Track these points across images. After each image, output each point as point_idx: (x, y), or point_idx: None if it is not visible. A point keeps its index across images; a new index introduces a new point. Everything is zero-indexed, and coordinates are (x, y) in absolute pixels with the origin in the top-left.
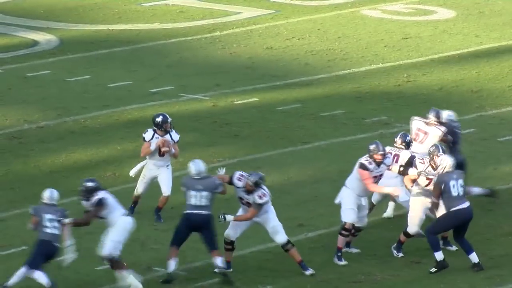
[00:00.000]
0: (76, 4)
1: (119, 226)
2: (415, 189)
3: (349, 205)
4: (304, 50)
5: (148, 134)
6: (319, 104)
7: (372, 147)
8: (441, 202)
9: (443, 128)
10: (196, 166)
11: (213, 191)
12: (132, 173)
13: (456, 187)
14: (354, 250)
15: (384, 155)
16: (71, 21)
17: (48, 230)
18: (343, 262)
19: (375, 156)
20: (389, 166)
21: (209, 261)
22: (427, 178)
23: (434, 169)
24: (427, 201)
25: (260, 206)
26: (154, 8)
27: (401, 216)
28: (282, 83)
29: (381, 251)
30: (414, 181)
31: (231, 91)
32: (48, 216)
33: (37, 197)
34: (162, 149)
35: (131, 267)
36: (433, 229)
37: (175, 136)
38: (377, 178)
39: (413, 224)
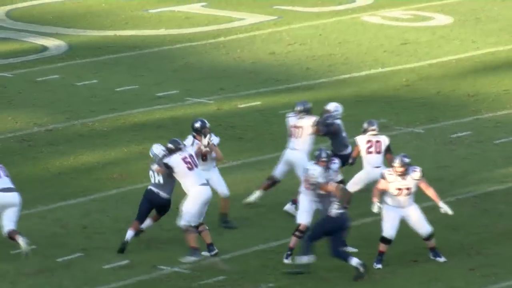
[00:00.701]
0: (84, 11)
1: (192, 196)
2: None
3: (304, 208)
4: (305, 55)
5: (188, 141)
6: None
7: (316, 153)
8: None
9: (314, 118)
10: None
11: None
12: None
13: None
14: (350, 249)
15: (328, 161)
16: (79, 27)
17: None
18: (287, 261)
19: (320, 163)
20: (336, 171)
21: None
22: (397, 188)
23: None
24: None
25: None
26: (160, 14)
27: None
28: (284, 87)
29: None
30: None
31: (235, 95)
32: None
33: (46, 198)
34: (204, 151)
35: (136, 266)
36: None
37: (215, 140)
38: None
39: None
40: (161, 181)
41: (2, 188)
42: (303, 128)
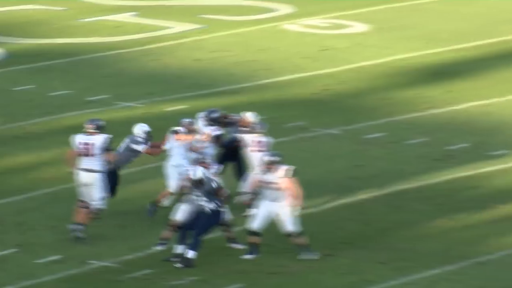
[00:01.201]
0: (21, 20)
1: None
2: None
3: (182, 206)
4: (229, 62)
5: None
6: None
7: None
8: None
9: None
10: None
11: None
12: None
13: None
14: (239, 246)
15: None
16: (16, 36)
17: None
18: (160, 247)
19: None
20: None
21: (139, 254)
22: (266, 182)
23: None
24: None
25: None
26: (93, 23)
27: (317, 213)
28: (209, 91)
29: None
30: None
31: (162, 99)
32: None
33: None
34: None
35: (68, 260)
36: None
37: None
38: None
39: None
40: None
41: None
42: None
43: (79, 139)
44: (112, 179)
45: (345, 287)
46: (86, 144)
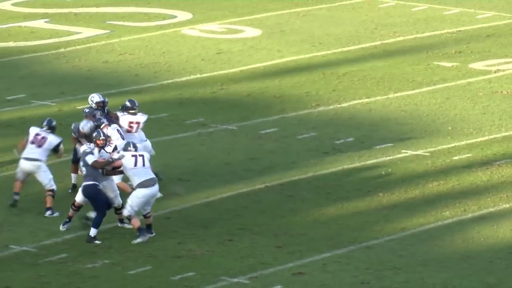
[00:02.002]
0: None
1: None
2: None
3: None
4: (134, 64)
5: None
6: (148, 108)
7: (94, 134)
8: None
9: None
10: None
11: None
12: None
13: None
14: (127, 226)
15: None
16: None
17: None
18: (64, 227)
19: (97, 142)
20: (109, 152)
21: (56, 239)
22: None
23: None
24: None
25: None
26: (9, 29)
27: (217, 201)
28: (116, 91)
29: (200, 231)
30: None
31: (74, 98)
32: None
33: None
34: None
35: None
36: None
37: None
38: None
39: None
40: None
41: None
42: None
43: (35, 131)
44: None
45: (244, 269)
46: (43, 138)
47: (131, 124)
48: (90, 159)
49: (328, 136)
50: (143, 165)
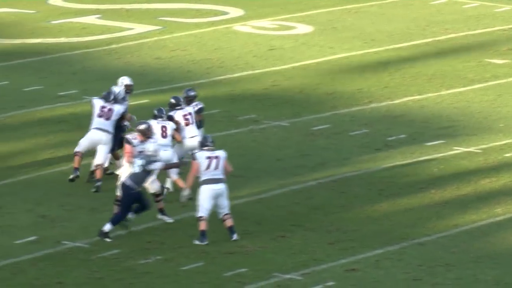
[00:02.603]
0: None
1: None
2: None
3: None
4: (186, 60)
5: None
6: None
7: (142, 126)
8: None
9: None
10: None
11: None
12: None
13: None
14: (167, 219)
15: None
16: None
17: None
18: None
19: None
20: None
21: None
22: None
23: None
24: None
25: None
26: (61, 25)
27: (269, 198)
28: (168, 87)
29: (252, 227)
30: None
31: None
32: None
33: None
34: None
35: (43, 241)
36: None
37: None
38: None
39: None
40: None
41: None
42: None
43: (100, 103)
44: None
45: (297, 265)
46: (109, 109)
47: (186, 117)
48: (158, 165)
49: (380, 133)
50: (216, 168)
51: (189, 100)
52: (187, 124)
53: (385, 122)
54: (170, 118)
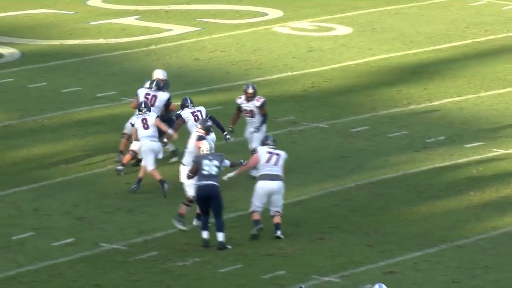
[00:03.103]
0: (35, 23)
1: None
2: None
3: (190, 182)
4: (225, 61)
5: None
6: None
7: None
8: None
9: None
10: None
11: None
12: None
13: (209, 166)
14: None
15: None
16: (30, 37)
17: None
18: (182, 227)
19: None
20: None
21: (146, 237)
22: None
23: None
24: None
25: None
26: (100, 26)
27: (308, 200)
28: (207, 88)
29: (291, 229)
30: None
31: None
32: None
33: (2, 185)
34: None
35: (80, 243)
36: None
37: None
38: None
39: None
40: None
41: None
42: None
43: (144, 91)
44: None
45: (335, 267)
46: (153, 96)
47: (195, 114)
48: (228, 162)
49: (419, 135)
50: (275, 164)
51: (249, 96)
52: (196, 121)
53: (424, 124)
54: (178, 117)
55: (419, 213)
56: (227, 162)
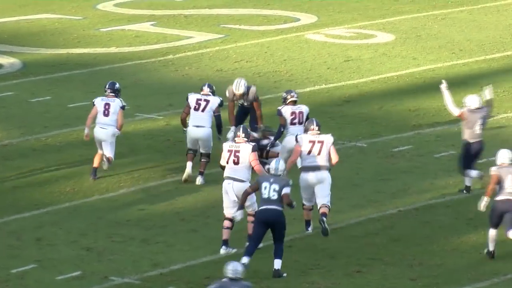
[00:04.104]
0: (38, 30)
1: None
2: None
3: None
4: (252, 72)
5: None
6: (268, 122)
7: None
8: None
9: (221, 99)
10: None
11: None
12: None
13: (267, 190)
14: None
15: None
16: (33, 46)
17: None
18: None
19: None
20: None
21: (162, 270)
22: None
23: None
24: None
25: None
26: (111, 33)
27: (344, 228)
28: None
29: (324, 261)
30: None
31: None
32: None
33: (1, 211)
34: None
35: (88, 277)
36: None
37: None
38: None
39: None
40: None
41: None
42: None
43: (195, 97)
44: None
45: None
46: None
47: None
48: (288, 190)
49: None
50: (318, 154)
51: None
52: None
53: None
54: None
55: (468, 243)
56: (288, 190)
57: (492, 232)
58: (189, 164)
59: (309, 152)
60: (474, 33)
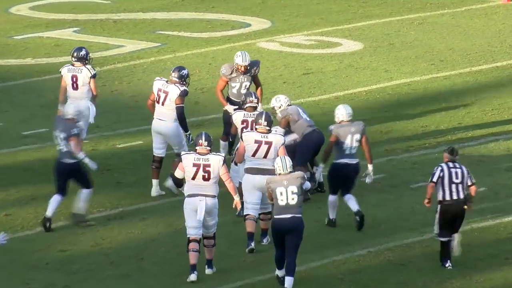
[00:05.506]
0: None
1: None
2: None
3: None
4: (193, 87)
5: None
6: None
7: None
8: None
9: (182, 88)
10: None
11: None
12: None
13: (284, 195)
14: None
15: None
16: None
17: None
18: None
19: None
20: None
21: None
22: None
23: None
24: None
25: None
26: (27, 41)
27: (308, 270)
28: None
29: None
30: None
31: (113, 134)
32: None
33: None
34: None
35: None
36: None
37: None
38: None
39: None
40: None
41: None
42: None
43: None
44: None
45: None
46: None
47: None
48: (309, 184)
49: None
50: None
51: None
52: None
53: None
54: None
55: None
56: (308, 184)
57: (331, 198)
58: (155, 182)
59: (255, 154)
60: (457, 41)
